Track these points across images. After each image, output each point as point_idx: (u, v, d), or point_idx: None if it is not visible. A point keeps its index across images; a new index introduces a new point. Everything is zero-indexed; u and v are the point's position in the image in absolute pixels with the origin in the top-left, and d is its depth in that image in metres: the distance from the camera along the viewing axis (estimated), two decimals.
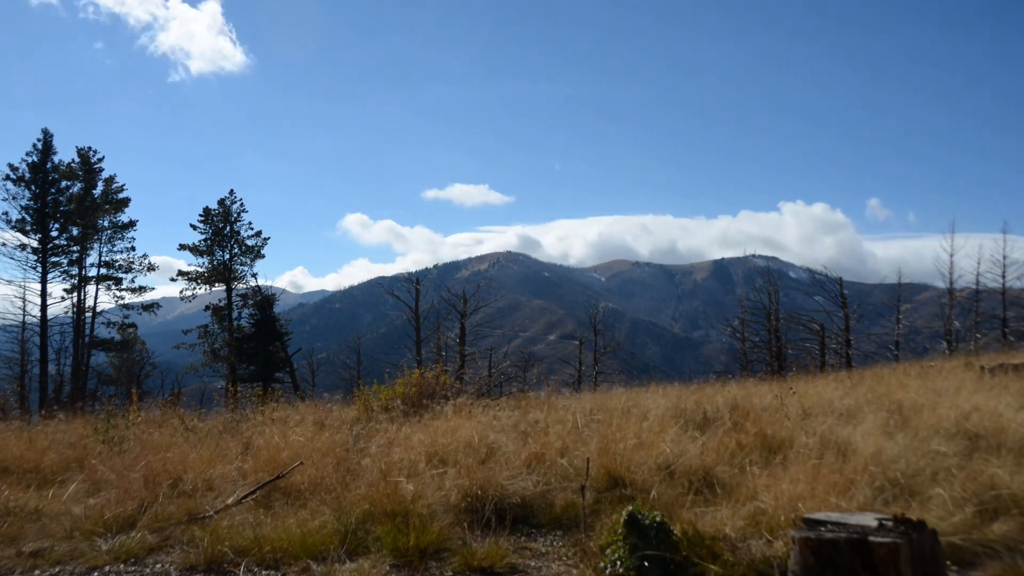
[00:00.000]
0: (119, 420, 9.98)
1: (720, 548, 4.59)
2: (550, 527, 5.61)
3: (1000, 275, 27.66)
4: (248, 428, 9.51)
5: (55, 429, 10.33)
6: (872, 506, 5.03)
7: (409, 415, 10.06)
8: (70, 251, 34.36)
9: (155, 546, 5.35)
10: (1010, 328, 27.19)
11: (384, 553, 4.98)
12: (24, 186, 33.31)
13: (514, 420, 8.74)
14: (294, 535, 5.18)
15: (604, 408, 9.81)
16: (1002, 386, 9.69)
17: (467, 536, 5.28)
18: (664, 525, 4.55)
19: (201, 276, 36.10)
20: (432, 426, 8.37)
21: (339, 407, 11.93)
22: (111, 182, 35.50)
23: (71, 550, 5.31)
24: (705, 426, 8.09)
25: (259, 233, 36.68)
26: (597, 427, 8.06)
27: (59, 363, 33.69)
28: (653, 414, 8.75)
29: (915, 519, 3.60)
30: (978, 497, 5.09)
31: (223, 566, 4.93)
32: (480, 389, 14.22)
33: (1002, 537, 4.61)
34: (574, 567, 4.76)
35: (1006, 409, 7.45)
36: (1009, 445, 6.32)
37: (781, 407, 8.72)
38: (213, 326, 35.38)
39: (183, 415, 11.05)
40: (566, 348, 54.30)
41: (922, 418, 7.54)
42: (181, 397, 15.88)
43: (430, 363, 25.44)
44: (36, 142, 33.90)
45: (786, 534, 4.48)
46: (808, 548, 3.56)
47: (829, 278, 29.97)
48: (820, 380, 14.20)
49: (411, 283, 32.61)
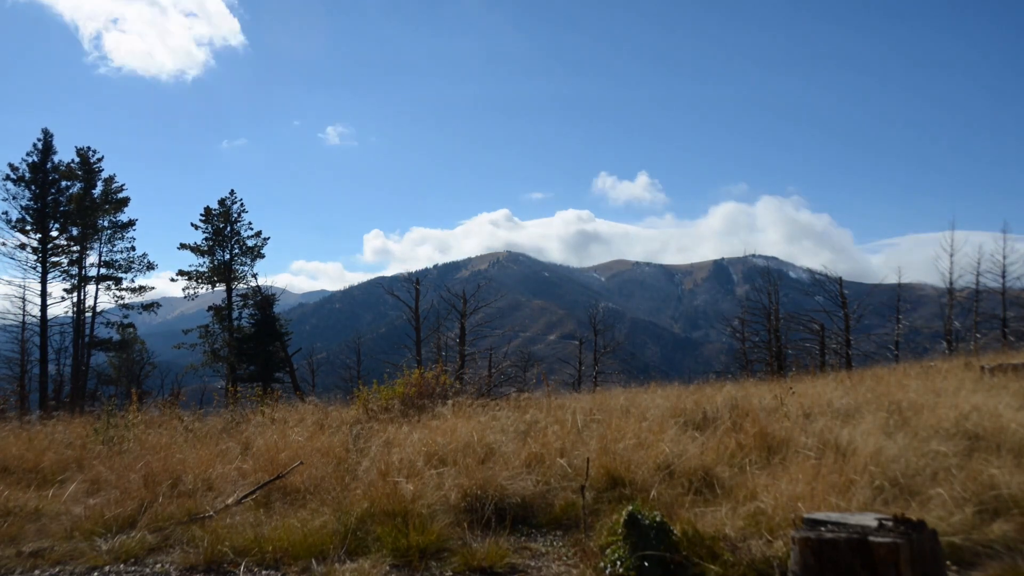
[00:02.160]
0: (119, 420, 9.98)
1: (720, 548, 4.59)
2: (550, 527, 5.61)
3: (1000, 275, 27.68)
4: (248, 428, 9.51)
5: (55, 429, 10.33)
6: (872, 506, 5.03)
7: (409, 415, 10.07)
8: (70, 251, 34.36)
9: (155, 546, 5.35)
10: (1010, 328, 27.18)
11: (384, 553, 4.98)
12: (24, 186, 33.31)
13: (513, 420, 8.73)
14: (294, 535, 5.18)
15: (604, 408, 9.81)
16: (1002, 386, 9.69)
17: (467, 536, 5.28)
18: (664, 525, 4.55)
19: (201, 276, 36.11)
20: (432, 426, 8.37)
21: (339, 407, 11.93)
22: (111, 182, 35.50)
23: (71, 550, 5.31)
24: (705, 426, 8.09)
25: (259, 233, 36.73)
26: (597, 427, 8.06)
27: (59, 363, 33.70)
28: (653, 414, 8.75)
29: (915, 519, 3.60)
30: (978, 497, 5.09)
31: (223, 566, 4.93)
32: (480, 389, 14.21)
33: (1002, 537, 4.61)
34: (574, 567, 4.76)
35: (1006, 409, 7.45)
36: (1009, 445, 6.32)
37: (781, 407, 8.72)
38: (213, 326, 35.37)
39: (183, 415, 11.05)
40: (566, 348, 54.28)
41: (922, 418, 7.55)
42: (181, 397, 15.87)
43: (430, 363, 25.44)
44: (36, 142, 33.93)
45: (786, 534, 4.48)
46: (808, 548, 3.56)
47: (829, 278, 29.97)
48: (820, 380, 14.19)
49: (411, 283, 32.61)
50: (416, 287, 32.06)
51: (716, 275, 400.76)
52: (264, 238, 36.66)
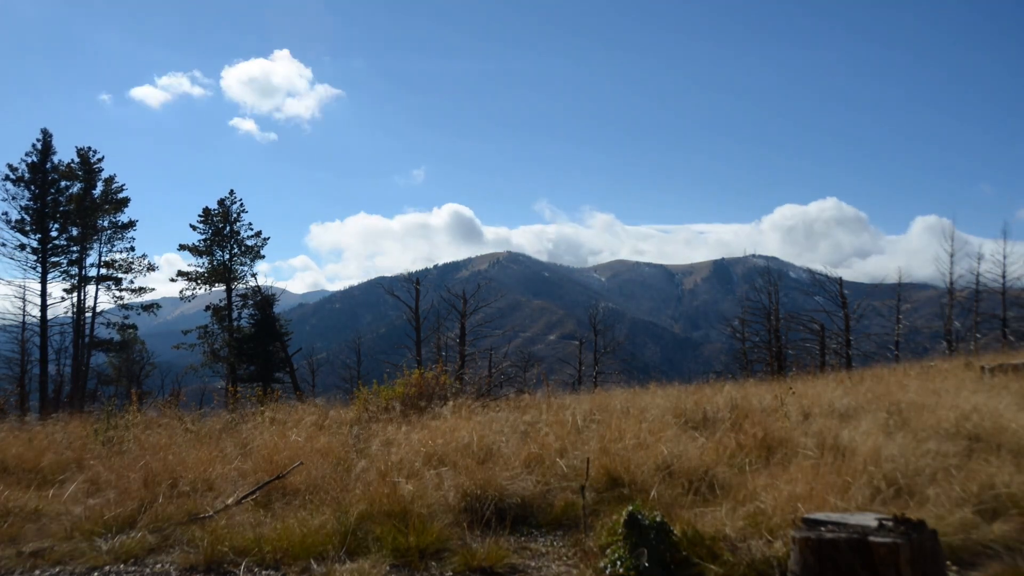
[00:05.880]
0: (119, 420, 9.97)
1: (720, 548, 4.59)
2: (550, 527, 5.61)
3: (1000, 275, 27.69)
4: (248, 429, 9.51)
5: (54, 429, 10.32)
6: (872, 506, 5.04)
7: (408, 415, 10.06)
8: (70, 251, 34.36)
9: (155, 546, 5.35)
10: (1010, 328, 27.20)
11: (384, 553, 4.97)
12: (24, 186, 33.31)
13: (513, 420, 8.74)
14: (294, 535, 5.18)
15: (604, 408, 9.81)
16: (1002, 386, 9.70)
17: (467, 536, 5.28)
18: (664, 525, 4.56)
19: (201, 276, 36.12)
20: (431, 426, 8.37)
21: (339, 407, 11.92)
22: (111, 182, 35.51)
23: (71, 550, 5.31)
24: (705, 426, 8.10)
25: (259, 233, 36.75)
26: (597, 427, 8.06)
27: (59, 363, 33.71)
28: (653, 414, 8.76)
29: (915, 519, 3.60)
30: (977, 497, 5.10)
31: (223, 566, 4.93)
32: (480, 389, 14.21)
33: (1002, 537, 4.62)
34: (574, 567, 4.76)
35: (1006, 409, 7.46)
36: (1009, 445, 6.33)
37: (781, 407, 8.72)
38: (213, 326, 35.39)
39: (183, 415, 11.04)
40: (566, 348, 54.27)
41: (922, 418, 7.55)
42: (181, 397, 15.86)
43: (430, 363, 25.44)
44: (36, 142, 33.92)
45: (786, 534, 4.48)
46: (808, 548, 3.56)
47: (829, 278, 29.99)
48: (820, 380, 14.20)
49: (411, 283, 32.62)
50: (416, 287, 32.08)
51: (716, 275, 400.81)
52: (264, 238, 36.72)
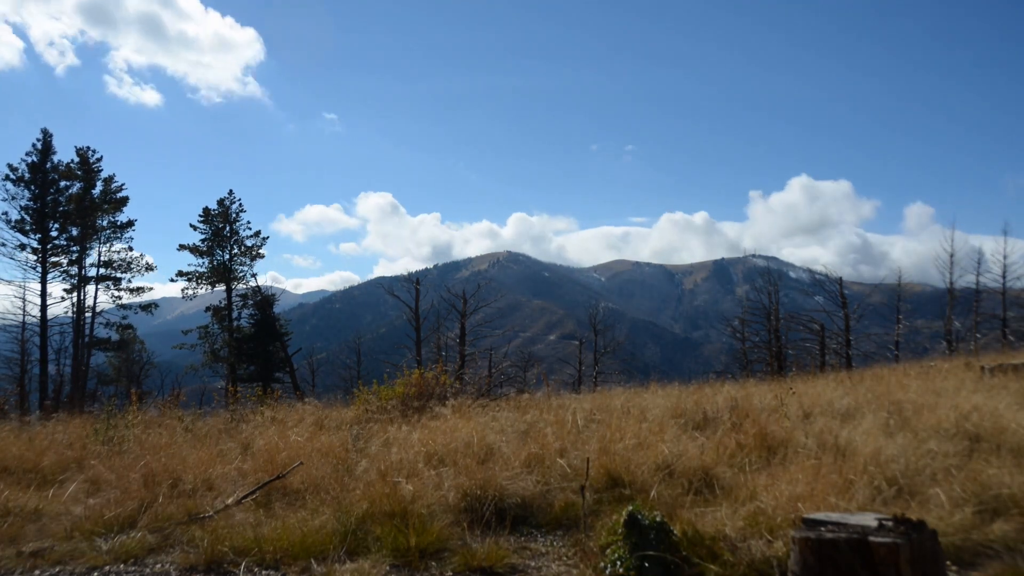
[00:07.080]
0: (119, 420, 9.97)
1: (720, 548, 4.59)
2: (550, 527, 5.61)
3: (1000, 275, 27.68)
4: (248, 428, 9.51)
5: (54, 429, 10.32)
6: (872, 506, 5.03)
7: (408, 415, 10.06)
8: (69, 251, 34.38)
9: (155, 546, 5.34)
10: (1010, 328, 27.20)
11: (384, 553, 4.97)
12: (24, 186, 33.33)
13: (513, 420, 8.73)
14: (294, 535, 5.18)
15: (604, 408, 9.81)
16: (1002, 386, 9.69)
17: (467, 536, 5.28)
18: (664, 525, 4.55)
19: (201, 276, 36.12)
20: (431, 426, 8.37)
21: (339, 407, 11.92)
22: (110, 182, 35.51)
23: (71, 550, 5.31)
24: (705, 426, 8.10)
25: (258, 233, 36.78)
26: (597, 427, 8.05)
27: (59, 363, 33.72)
28: (653, 414, 8.76)
29: (915, 519, 3.60)
30: (978, 497, 5.09)
31: (223, 566, 4.93)
32: (480, 389, 14.20)
33: (1002, 537, 4.61)
34: (574, 567, 4.76)
35: (1006, 409, 7.45)
36: (1009, 445, 6.32)
37: (781, 407, 8.72)
38: (213, 326, 35.40)
39: (183, 415, 11.04)
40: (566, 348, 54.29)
41: (922, 418, 7.55)
42: (181, 397, 15.85)
43: (430, 363, 25.44)
44: (35, 142, 33.95)
45: (786, 534, 4.48)
46: (808, 548, 3.56)
47: (829, 278, 29.98)
48: (820, 380, 14.19)
49: (411, 283, 32.62)
50: (416, 287, 32.08)
51: (716, 275, 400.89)
52: (263, 238, 36.74)
